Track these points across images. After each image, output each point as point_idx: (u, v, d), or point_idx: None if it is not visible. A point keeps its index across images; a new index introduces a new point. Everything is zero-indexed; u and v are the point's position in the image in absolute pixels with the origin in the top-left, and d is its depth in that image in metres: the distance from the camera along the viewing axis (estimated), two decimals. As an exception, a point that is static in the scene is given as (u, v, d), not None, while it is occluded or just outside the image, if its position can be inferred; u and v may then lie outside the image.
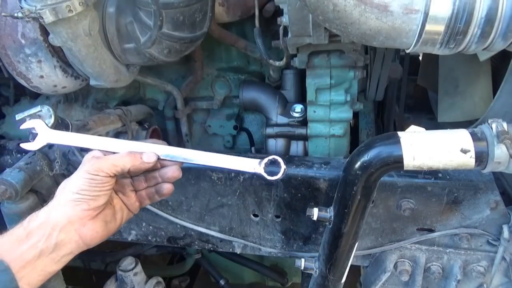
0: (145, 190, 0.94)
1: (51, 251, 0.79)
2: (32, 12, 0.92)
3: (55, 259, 0.80)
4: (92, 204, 0.83)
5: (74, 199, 0.82)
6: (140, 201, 0.95)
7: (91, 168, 0.84)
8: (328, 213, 0.97)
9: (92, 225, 0.84)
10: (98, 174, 0.83)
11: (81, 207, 0.82)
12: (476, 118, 1.21)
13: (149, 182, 0.94)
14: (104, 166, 0.84)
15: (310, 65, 1.24)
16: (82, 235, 0.83)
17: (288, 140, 1.40)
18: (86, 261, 2.19)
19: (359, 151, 0.87)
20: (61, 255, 0.81)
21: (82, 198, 0.82)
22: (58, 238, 0.80)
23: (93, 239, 0.85)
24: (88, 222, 0.83)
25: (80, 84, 1.31)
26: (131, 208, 0.94)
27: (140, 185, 0.94)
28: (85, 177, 0.83)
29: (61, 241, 0.80)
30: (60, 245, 0.80)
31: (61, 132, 0.92)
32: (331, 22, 0.79)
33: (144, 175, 0.94)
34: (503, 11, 0.69)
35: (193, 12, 1.17)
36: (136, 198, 0.94)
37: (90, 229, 0.84)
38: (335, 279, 1.05)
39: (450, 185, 1.06)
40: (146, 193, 0.94)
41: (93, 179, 0.83)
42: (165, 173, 0.92)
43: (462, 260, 1.15)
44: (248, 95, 1.48)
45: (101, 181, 0.84)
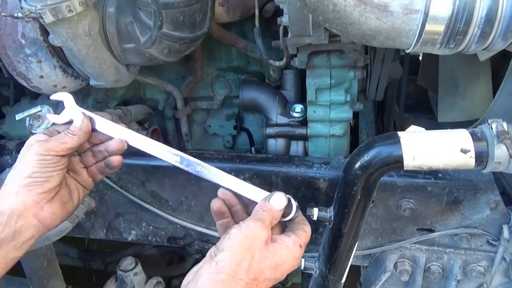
0: (95, 165, 0.93)
1: (10, 239, 0.79)
2: (32, 12, 0.92)
3: (16, 246, 0.80)
4: (46, 186, 0.82)
5: (26, 183, 0.80)
6: (92, 177, 0.94)
7: (40, 149, 0.82)
8: (328, 213, 0.97)
9: (50, 207, 0.83)
10: (48, 154, 0.82)
11: (36, 191, 0.81)
12: (476, 118, 1.21)
13: (97, 157, 0.93)
14: (53, 146, 0.83)
15: (310, 65, 1.24)
16: (41, 219, 0.82)
17: (288, 140, 1.40)
18: (86, 261, 2.19)
19: (359, 151, 0.87)
20: (21, 241, 0.80)
21: (35, 182, 0.81)
22: (16, 225, 0.79)
23: (53, 221, 0.85)
24: (45, 205, 0.83)
25: (80, 84, 1.31)
26: (85, 185, 0.93)
27: (89, 160, 0.93)
28: (35, 158, 0.81)
29: (20, 228, 0.80)
30: (19, 232, 0.80)
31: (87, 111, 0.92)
32: (331, 22, 0.79)
33: (91, 151, 0.93)
34: (503, 11, 0.69)
35: (193, 12, 1.17)
36: (88, 174, 0.93)
37: (48, 211, 0.83)
38: (335, 279, 1.05)
39: (450, 185, 1.06)
40: (97, 168, 0.93)
41: (44, 159, 0.82)
42: (109, 145, 0.92)
43: (462, 260, 1.15)
44: (248, 95, 1.48)
45: (52, 161, 0.82)
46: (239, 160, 1.21)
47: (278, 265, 0.75)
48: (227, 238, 0.74)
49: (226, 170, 1.18)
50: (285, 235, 0.80)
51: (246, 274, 0.71)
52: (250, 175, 1.18)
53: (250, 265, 0.71)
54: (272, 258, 0.74)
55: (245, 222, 0.76)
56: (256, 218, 0.77)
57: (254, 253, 0.72)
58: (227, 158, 1.23)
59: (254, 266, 0.72)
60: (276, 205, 0.81)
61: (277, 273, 0.75)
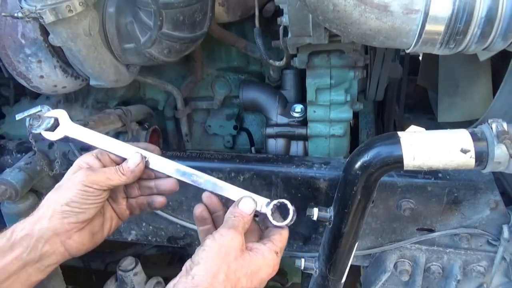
0: (136, 199, 0.91)
1: (35, 262, 0.78)
2: (32, 12, 0.92)
3: (40, 269, 0.79)
4: (81, 217, 0.81)
5: (62, 211, 0.79)
6: (130, 210, 0.92)
7: (86, 179, 0.81)
8: (328, 213, 0.97)
9: (79, 237, 0.82)
10: (92, 186, 0.81)
11: (69, 220, 0.79)
12: (476, 118, 1.21)
13: (143, 191, 0.91)
14: (99, 179, 0.82)
15: (310, 65, 1.24)
16: (68, 247, 0.81)
17: (288, 140, 1.40)
18: (86, 261, 2.19)
19: (359, 151, 0.87)
20: (46, 265, 0.80)
21: (71, 211, 0.79)
22: (43, 249, 0.78)
23: (79, 251, 0.84)
24: (74, 234, 0.81)
25: (80, 84, 1.31)
26: (121, 216, 0.92)
27: (133, 192, 0.92)
28: (78, 188, 0.80)
29: (46, 252, 0.79)
30: (45, 256, 0.79)
31: (82, 128, 0.91)
32: (331, 22, 0.79)
33: (138, 183, 0.91)
34: (503, 11, 0.69)
35: (193, 12, 1.17)
36: (127, 206, 0.92)
37: (76, 241, 0.82)
38: (335, 279, 1.05)
39: (450, 185, 1.06)
40: (137, 203, 0.92)
41: (86, 191, 0.80)
42: (161, 184, 0.90)
43: (462, 260, 1.15)
44: (248, 95, 1.48)
45: (93, 194, 0.81)
46: (239, 160, 1.21)
47: (254, 273, 0.75)
48: (202, 250, 0.73)
49: (227, 170, 1.20)
50: (261, 242, 0.80)
51: (223, 285, 0.70)
52: (250, 175, 1.18)
53: (227, 275, 0.71)
54: (248, 266, 0.74)
55: (218, 232, 0.76)
56: (229, 226, 0.77)
57: (229, 263, 0.72)
58: (227, 158, 1.23)
59: (231, 276, 0.71)
60: (245, 209, 0.81)
61: (254, 281, 0.75)
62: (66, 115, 0.91)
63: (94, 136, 0.91)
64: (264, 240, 0.81)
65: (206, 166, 1.21)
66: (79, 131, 0.91)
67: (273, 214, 0.84)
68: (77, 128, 0.91)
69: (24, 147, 1.35)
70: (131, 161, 0.86)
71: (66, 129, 0.91)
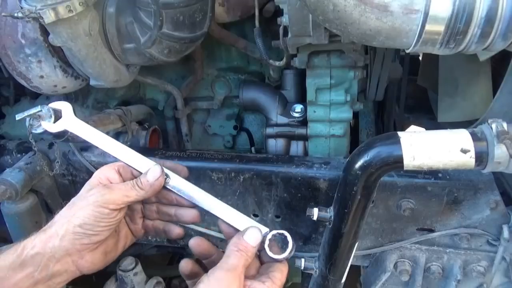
0: (153, 222, 0.87)
1: (46, 280, 0.77)
2: (32, 12, 0.92)
3: (50, 286, 0.78)
4: (94, 239, 0.78)
5: (75, 232, 0.76)
6: (145, 230, 0.89)
7: (100, 200, 0.77)
8: (328, 213, 0.97)
9: (91, 257, 0.80)
10: (107, 207, 0.77)
11: (82, 241, 0.77)
12: (476, 118, 1.21)
13: (162, 216, 0.87)
14: (115, 197, 0.77)
15: (310, 65, 1.24)
16: (79, 266, 0.80)
17: (288, 140, 1.40)
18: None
19: (359, 151, 0.87)
20: (56, 282, 0.79)
21: (84, 233, 0.76)
22: (54, 268, 0.77)
23: (90, 270, 0.82)
24: (86, 255, 0.79)
25: (80, 84, 1.31)
26: (136, 235, 0.89)
27: (151, 214, 0.87)
28: (91, 209, 0.76)
29: (57, 272, 0.77)
30: (56, 275, 0.78)
31: (83, 123, 0.86)
32: (331, 22, 0.79)
33: (157, 206, 0.86)
34: (503, 11, 0.69)
35: (193, 12, 1.17)
36: (142, 226, 0.88)
37: (88, 261, 0.80)
38: (335, 279, 1.05)
39: (450, 185, 1.06)
40: (154, 226, 0.87)
41: (100, 212, 0.76)
42: (181, 215, 0.85)
43: (462, 260, 1.15)
44: (248, 95, 1.48)
45: (108, 216, 0.77)
46: (239, 160, 1.21)
47: None
48: None
49: (227, 170, 1.20)
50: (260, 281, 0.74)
51: None
52: (250, 175, 1.18)
53: None
54: None
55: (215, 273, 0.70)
56: (228, 268, 0.71)
57: None
58: (227, 158, 1.23)
59: None
60: (251, 241, 0.75)
61: None
62: (70, 108, 0.87)
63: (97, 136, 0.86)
64: (263, 278, 0.75)
65: (206, 166, 1.21)
66: (81, 128, 0.86)
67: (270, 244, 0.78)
68: (80, 124, 0.86)
69: (24, 147, 1.35)
70: (151, 174, 0.80)
71: (67, 123, 0.86)
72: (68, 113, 0.87)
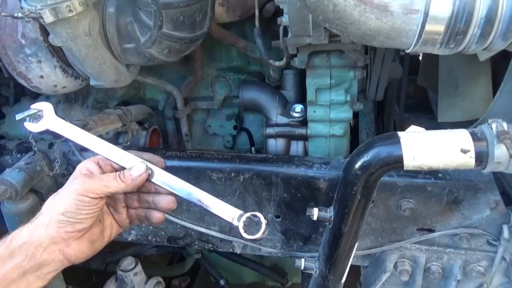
0: (136, 210, 0.90)
1: (35, 270, 0.78)
2: (32, 12, 0.92)
3: (39, 276, 0.79)
4: (77, 227, 0.80)
5: (58, 220, 0.78)
6: (130, 219, 0.91)
7: (80, 188, 0.79)
8: (328, 213, 0.97)
9: (77, 245, 0.81)
10: (87, 195, 0.79)
11: (65, 229, 0.79)
12: (476, 118, 1.21)
13: (142, 204, 0.90)
14: (95, 186, 0.80)
15: (310, 65, 1.24)
16: (67, 255, 0.81)
17: (288, 140, 1.40)
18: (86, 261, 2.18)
19: (359, 151, 0.87)
20: (45, 272, 0.80)
21: (66, 221, 0.78)
22: (41, 258, 0.78)
23: (78, 259, 0.83)
24: (72, 243, 0.81)
25: (80, 84, 1.31)
26: (121, 225, 0.91)
27: (133, 203, 0.90)
28: (73, 197, 0.79)
29: (45, 261, 0.78)
30: (44, 264, 0.79)
31: (65, 122, 0.88)
32: (331, 22, 0.79)
33: (137, 195, 0.89)
34: (503, 11, 0.69)
35: (193, 12, 1.17)
36: (127, 215, 0.91)
37: (75, 249, 0.81)
38: (335, 279, 1.05)
39: (450, 185, 1.06)
40: (136, 214, 0.90)
41: (81, 200, 0.79)
42: (158, 201, 0.88)
43: (462, 260, 1.15)
44: (248, 95, 1.48)
45: (89, 204, 0.80)
46: (239, 160, 1.21)
47: None
48: None
49: (227, 170, 1.20)
50: None
51: None
52: (250, 175, 1.18)
53: None
54: None
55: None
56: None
57: None
58: (227, 158, 1.23)
59: None
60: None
61: None
62: (51, 108, 0.89)
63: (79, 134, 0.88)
64: None
65: (206, 166, 1.21)
66: (62, 126, 0.88)
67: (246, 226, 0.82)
68: (61, 123, 0.88)
69: (24, 147, 1.35)
70: (135, 170, 0.84)
71: (49, 122, 0.88)
72: (49, 113, 0.89)
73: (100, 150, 0.87)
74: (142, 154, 0.88)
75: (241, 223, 0.82)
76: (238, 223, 0.82)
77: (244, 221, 0.82)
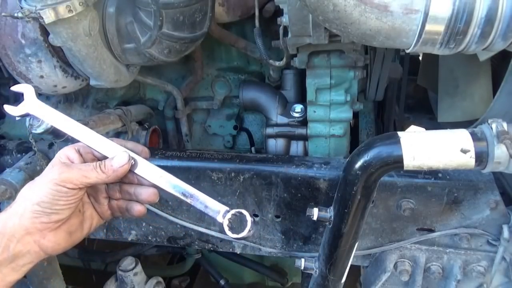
0: (117, 202, 0.86)
1: (9, 262, 0.74)
2: (32, 12, 0.92)
3: (15, 269, 0.75)
4: (53, 218, 0.75)
5: (33, 210, 0.74)
6: (112, 211, 0.87)
7: (58, 178, 0.75)
8: (328, 213, 0.97)
9: (54, 237, 0.77)
10: (65, 185, 0.75)
11: (40, 219, 0.75)
12: (476, 118, 1.21)
13: (123, 195, 0.85)
14: (73, 176, 0.76)
15: (310, 65, 1.24)
16: (42, 247, 0.77)
17: (288, 140, 1.40)
18: (86, 261, 2.19)
19: (359, 151, 0.87)
20: (20, 264, 0.76)
21: (42, 211, 0.74)
22: (15, 249, 0.74)
23: (55, 250, 0.79)
24: (48, 234, 0.76)
25: (80, 84, 1.31)
26: (102, 216, 0.87)
27: (114, 194, 0.86)
28: (49, 187, 0.75)
29: (19, 252, 0.75)
30: (18, 256, 0.75)
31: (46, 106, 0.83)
32: (331, 22, 0.79)
33: (120, 186, 0.85)
34: (503, 11, 0.69)
35: (193, 12, 1.17)
36: (108, 207, 0.86)
37: (51, 241, 0.77)
38: (335, 279, 1.05)
39: (450, 185, 1.06)
40: (118, 206, 0.86)
41: (58, 191, 0.75)
42: (139, 193, 0.83)
43: (462, 260, 1.15)
44: (248, 95, 1.48)
45: (66, 194, 0.75)
46: (239, 160, 1.21)
47: None
48: None
49: (227, 170, 1.20)
50: None
51: None
52: (250, 175, 1.18)
53: None
54: None
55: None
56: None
57: None
58: (227, 158, 1.23)
59: None
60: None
61: None
62: (32, 91, 0.84)
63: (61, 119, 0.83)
64: None
65: (206, 166, 1.21)
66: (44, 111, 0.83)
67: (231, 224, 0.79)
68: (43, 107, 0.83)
69: (24, 147, 1.36)
70: (117, 160, 0.79)
71: (29, 106, 0.83)
72: (30, 96, 0.84)
73: (82, 137, 0.83)
74: (125, 143, 0.84)
75: (226, 220, 0.79)
76: (223, 220, 0.79)
77: (229, 218, 0.79)
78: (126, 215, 0.86)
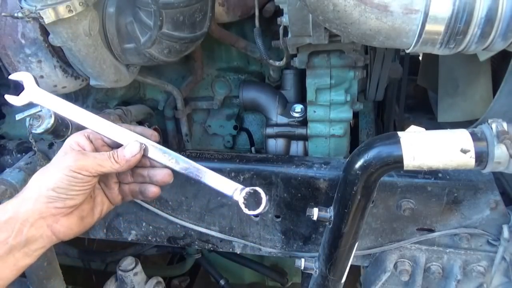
0: (129, 185, 0.87)
1: (22, 246, 0.75)
2: (32, 12, 0.92)
3: (27, 253, 0.77)
4: (68, 203, 0.78)
5: (48, 195, 0.76)
6: (123, 195, 0.89)
7: (74, 165, 0.76)
8: (328, 213, 0.97)
9: (66, 221, 0.79)
10: (80, 172, 0.77)
11: (55, 204, 0.76)
12: (476, 118, 1.21)
13: (136, 178, 0.87)
14: (89, 165, 0.78)
15: (310, 65, 1.24)
16: (55, 231, 0.78)
17: (288, 140, 1.40)
18: (86, 261, 2.19)
19: (359, 151, 0.87)
20: (33, 249, 0.77)
21: (57, 197, 0.76)
22: (28, 233, 0.75)
23: (67, 235, 0.81)
24: (61, 219, 0.78)
25: (80, 84, 1.31)
26: (113, 201, 0.88)
27: (126, 178, 0.87)
28: (65, 173, 0.76)
29: (32, 236, 0.76)
30: (31, 240, 0.76)
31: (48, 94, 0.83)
32: (331, 22, 0.79)
33: (131, 170, 0.86)
34: (503, 11, 0.69)
35: (193, 12, 1.17)
36: (119, 191, 0.88)
37: (64, 225, 0.79)
38: (335, 279, 1.05)
39: (450, 185, 1.06)
40: (130, 189, 0.88)
41: (74, 177, 0.76)
42: (154, 175, 0.85)
43: (462, 260, 1.15)
44: (248, 95, 1.48)
45: (82, 181, 0.77)
46: (239, 160, 1.21)
47: None
48: None
49: (227, 170, 1.20)
50: None
51: None
52: (250, 175, 1.18)
53: None
54: None
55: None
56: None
57: None
58: (227, 158, 1.23)
59: None
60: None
61: None
62: (31, 79, 0.83)
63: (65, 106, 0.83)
64: None
65: (206, 166, 1.21)
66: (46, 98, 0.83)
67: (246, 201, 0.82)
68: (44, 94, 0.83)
69: (24, 147, 1.35)
70: (128, 150, 0.81)
71: (31, 94, 0.83)
72: (31, 84, 0.83)
73: (90, 123, 0.83)
74: (134, 128, 0.86)
75: (241, 198, 0.81)
76: (239, 197, 0.82)
77: (244, 196, 0.81)
78: (140, 198, 0.88)
